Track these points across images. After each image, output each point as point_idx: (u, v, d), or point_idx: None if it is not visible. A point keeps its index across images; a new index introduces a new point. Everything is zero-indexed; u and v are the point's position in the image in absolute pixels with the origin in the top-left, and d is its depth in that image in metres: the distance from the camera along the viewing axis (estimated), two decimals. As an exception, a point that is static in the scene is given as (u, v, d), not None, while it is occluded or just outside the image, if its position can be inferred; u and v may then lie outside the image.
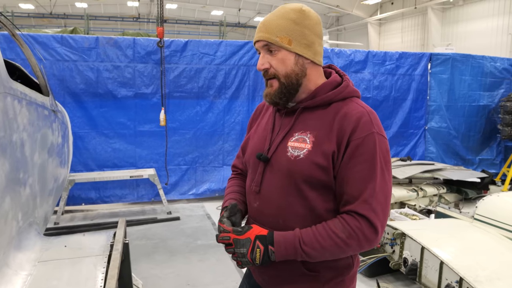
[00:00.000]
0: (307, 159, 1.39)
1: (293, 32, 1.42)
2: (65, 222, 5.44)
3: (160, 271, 4.05)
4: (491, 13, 16.84)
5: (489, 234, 3.68)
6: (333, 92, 1.45)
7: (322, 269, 1.46)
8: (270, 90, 1.47)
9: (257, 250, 1.37)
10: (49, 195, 2.73)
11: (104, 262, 1.88)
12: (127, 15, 28.06)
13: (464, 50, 16.07)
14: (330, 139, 1.38)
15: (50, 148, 2.63)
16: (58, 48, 5.62)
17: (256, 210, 1.55)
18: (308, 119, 1.47)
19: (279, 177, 1.46)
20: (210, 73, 6.32)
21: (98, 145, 5.98)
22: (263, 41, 1.43)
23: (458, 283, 3.02)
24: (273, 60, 1.43)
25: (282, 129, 1.51)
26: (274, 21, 1.43)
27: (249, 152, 1.62)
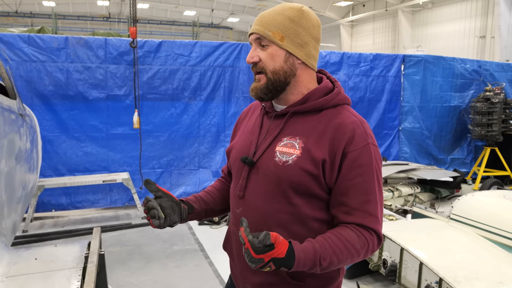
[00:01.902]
0: (296, 165, 1.35)
1: (287, 29, 1.39)
2: (34, 230, 5.21)
3: (136, 279, 3.92)
4: (459, 16, 17.34)
5: (466, 234, 3.75)
6: (324, 99, 1.43)
7: (307, 279, 1.42)
8: (256, 84, 1.43)
9: (267, 268, 1.22)
10: (17, 203, 2.58)
11: (78, 275, 1.77)
12: (97, 14, 27.47)
13: (434, 52, 16.41)
14: (322, 147, 1.35)
15: (18, 154, 2.48)
16: (25, 48, 5.39)
17: (239, 215, 1.48)
18: (298, 124, 1.42)
19: (265, 182, 1.41)
20: (185, 74, 6.21)
21: (69, 149, 5.77)
22: (256, 33, 1.41)
23: (438, 283, 3.04)
24: (263, 54, 1.40)
25: (270, 133, 1.46)
26: (270, 16, 1.41)
27: (234, 156, 1.56)
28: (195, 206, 1.57)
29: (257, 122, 1.53)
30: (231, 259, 1.62)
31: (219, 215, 1.73)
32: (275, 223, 1.40)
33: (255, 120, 1.57)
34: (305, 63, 1.43)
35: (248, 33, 1.49)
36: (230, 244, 1.59)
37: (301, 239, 1.33)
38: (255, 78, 1.45)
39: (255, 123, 1.55)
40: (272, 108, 1.50)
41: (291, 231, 1.38)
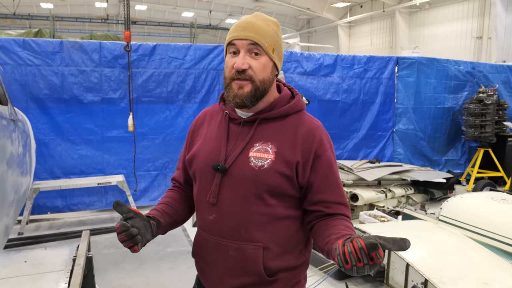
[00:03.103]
0: (271, 168, 1.43)
1: (276, 43, 1.48)
2: (29, 232, 5.26)
3: (129, 280, 3.98)
4: (455, 17, 17.41)
5: (454, 235, 3.78)
6: (289, 105, 1.52)
7: (281, 273, 1.49)
8: (241, 92, 1.44)
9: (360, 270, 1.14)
10: (9, 206, 2.63)
11: (66, 277, 1.83)
12: (95, 16, 27.52)
13: (431, 52, 16.51)
14: (294, 150, 1.45)
15: (10, 159, 2.54)
16: (20, 52, 5.44)
17: (212, 222, 1.51)
18: (267, 130, 1.50)
19: (241, 187, 1.46)
20: (179, 77, 6.26)
21: (64, 151, 5.82)
22: (251, 41, 1.42)
23: (424, 284, 3.10)
24: (255, 63, 1.43)
25: (240, 139, 1.50)
26: (263, 26, 1.45)
27: (201, 164, 1.56)
28: (161, 221, 1.52)
29: (222, 129, 1.55)
30: (203, 265, 1.61)
31: (180, 225, 1.72)
32: (251, 225, 1.46)
33: (218, 127, 1.58)
34: (278, 74, 1.53)
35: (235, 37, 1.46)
36: (203, 251, 1.58)
37: (275, 237, 1.46)
38: (232, 84, 1.45)
39: (219, 130, 1.57)
40: (237, 115, 1.54)
41: (266, 231, 1.46)
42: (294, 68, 7.02)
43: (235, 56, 1.45)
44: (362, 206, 6.02)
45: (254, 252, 1.45)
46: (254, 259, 1.45)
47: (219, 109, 1.62)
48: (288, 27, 29.72)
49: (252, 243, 1.46)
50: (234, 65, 1.43)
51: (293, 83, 6.95)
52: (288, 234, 1.51)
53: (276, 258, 1.48)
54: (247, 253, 1.45)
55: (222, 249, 1.49)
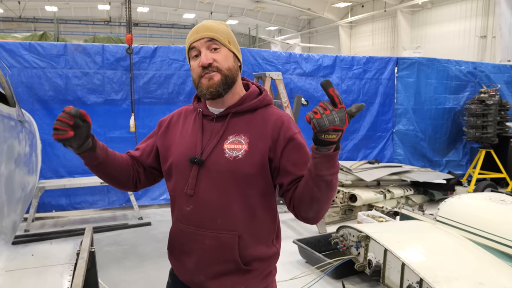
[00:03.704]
0: (246, 158, 1.53)
1: (230, 36, 1.63)
2: (35, 229, 5.38)
3: (129, 277, 4.08)
4: (458, 16, 17.31)
5: (450, 235, 3.80)
6: (258, 100, 1.65)
7: (255, 263, 1.59)
8: (212, 82, 1.54)
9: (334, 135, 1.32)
10: (17, 204, 2.73)
11: (70, 270, 1.92)
12: (98, 18, 27.68)
13: (433, 52, 16.49)
14: (265, 139, 1.56)
15: (17, 158, 2.64)
16: (26, 55, 5.56)
17: (189, 213, 1.59)
18: (239, 123, 1.61)
19: (218, 178, 1.54)
20: (180, 79, 6.36)
21: (68, 151, 5.79)
22: (208, 38, 1.56)
23: (419, 283, 3.16)
24: (217, 56, 1.56)
25: (214, 133, 1.60)
26: (215, 25, 1.61)
27: (177, 157, 1.64)
28: (97, 149, 1.58)
29: (197, 125, 1.66)
30: (180, 256, 1.67)
31: (109, 177, 1.75)
32: (227, 215, 1.55)
33: (193, 124, 1.68)
34: (240, 68, 1.66)
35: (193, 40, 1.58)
36: (180, 241, 1.66)
37: (250, 227, 1.57)
38: (201, 80, 1.55)
39: (194, 126, 1.67)
40: (209, 111, 1.66)
41: (242, 220, 1.56)
42: (293, 69, 7.10)
43: (197, 58, 1.58)
44: (361, 207, 6.09)
45: (230, 240, 1.54)
46: (230, 247, 1.54)
47: (193, 108, 1.74)
48: (289, 27, 29.81)
49: (228, 232, 1.55)
50: (199, 64, 1.55)
51: (292, 84, 7.04)
52: (262, 224, 1.61)
53: (251, 247, 1.57)
54: (223, 241, 1.54)
55: (199, 239, 1.58)
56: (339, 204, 6.15)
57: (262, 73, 5.69)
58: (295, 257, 4.63)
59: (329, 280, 4.12)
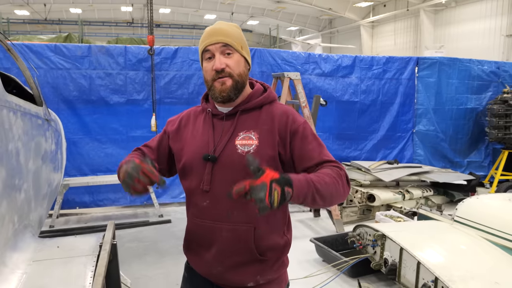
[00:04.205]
0: (257, 152, 1.61)
1: (242, 41, 1.70)
2: (60, 225, 5.57)
3: (150, 272, 4.20)
4: (483, 14, 16.93)
5: (467, 236, 3.78)
6: (263, 97, 1.74)
7: (269, 252, 1.67)
8: (224, 87, 1.63)
9: (274, 193, 1.32)
10: (43, 199, 2.86)
11: (93, 261, 2.02)
12: (120, 20, 28.22)
13: (457, 51, 16.18)
14: (273, 133, 1.65)
15: (44, 155, 2.77)
16: (52, 56, 5.77)
17: (205, 208, 1.68)
18: (247, 120, 1.70)
19: (232, 173, 1.61)
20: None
21: (92, 150, 6.12)
22: (222, 42, 1.63)
23: (434, 282, 3.17)
24: (230, 61, 1.63)
25: (225, 131, 1.68)
26: (229, 29, 1.67)
27: (191, 156, 1.72)
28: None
29: (207, 125, 1.74)
30: (198, 249, 1.75)
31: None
32: (243, 208, 1.60)
33: (203, 123, 1.76)
34: (250, 68, 1.75)
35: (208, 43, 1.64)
36: (197, 236, 1.75)
37: (264, 218, 1.62)
38: (214, 84, 1.63)
39: (205, 126, 1.75)
40: (218, 111, 1.74)
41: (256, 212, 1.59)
42: (312, 70, 7.13)
43: (211, 61, 1.65)
44: (379, 207, 6.08)
45: (246, 232, 1.63)
46: (247, 238, 1.63)
47: (202, 109, 1.82)
48: (310, 27, 29.73)
49: (244, 224, 1.63)
50: (213, 67, 1.63)
51: (311, 84, 7.07)
52: (275, 215, 1.69)
53: (265, 238, 1.66)
54: (239, 233, 1.62)
55: (217, 232, 1.66)
56: (357, 204, 6.15)
57: (280, 74, 5.74)
58: (312, 256, 4.67)
59: (345, 278, 4.15)
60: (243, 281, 1.68)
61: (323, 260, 4.58)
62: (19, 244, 2.11)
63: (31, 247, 2.18)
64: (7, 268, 1.89)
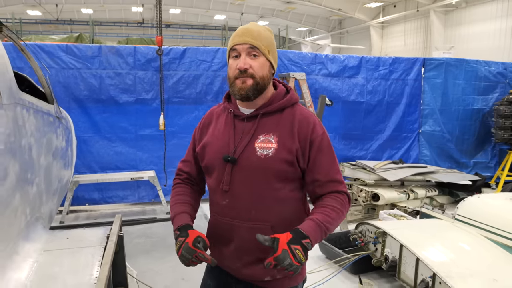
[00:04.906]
0: (276, 156, 1.67)
1: (271, 45, 1.73)
2: (69, 221, 5.71)
3: (157, 266, 4.32)
4: (494, 15, 16.78)
5: (468, 234, 3.84)
6: (285, 100, 1.77)
7: None
8: (244, 85, 1.67)
9: (297, 252, 1.52)
10: (54, 194, 2.99)
11: (100, 251, 2.13)
12: (131, 20, 28.46)
13: (467, 52, 16.06)
14: (293, 138, 1.69)
15: (55, 151, 2.90)
16: (63, 56, 5.92)
17: (224, 207, 1.77)
18: (268, 123, 1.74)
19: (251, 174, 1.70)
20: (208, 79, 6.59)
21: (101, 148, 6.27)
22: (250, 44, 1.67)
23: (432, 278, 3.23)
24: (254, 63, 1.68)
25: (245, 133, 1.74)
26: (259, 32, 1.70)
27: (212, 156, 1.79)
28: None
29: (229, 126, 1.79)
30: (219, 244, 1.83)
31: None
32: (260, 207, 1.71)
33: (225, 123, 1.81)
34: (273, 73, 1.78)
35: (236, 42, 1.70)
36: (218, 232, 1.83)
37: (282, 217, 1.72)
38: (236, 82, 1.68)
39: (226, 126, 1.80)
40: (240, 112, 1.78)
41: (273, 211, 1.71)
42: (318, 70, 7.20)
43: (237, 59, 1.70)
44: (384, 206, 6.14)
45: (264, 230, 1.67)
46: None
47: (223, 108, 1.87)
48: (320, 28, 29.73)
49: (262, 223, 1.71)
50: (237, 66, 1.67)
51: (317, 84, 7.14)
52: (292, 214, 1.77)
53: None
54: (257, 231, 1.64)
55: (236, 229, 1.75)
56: (362, 203, 6.21)
57: (286, 74, 5.83)
58: (316, 253, 4.75)
59: (347, 275, 4.22)
60: (261, 276, 1.75)
61: (326, 257, 4.66)
62: (31, 235, 2.22)
63: (42, 238, 2.30)
64: (20, 256, 2.01)
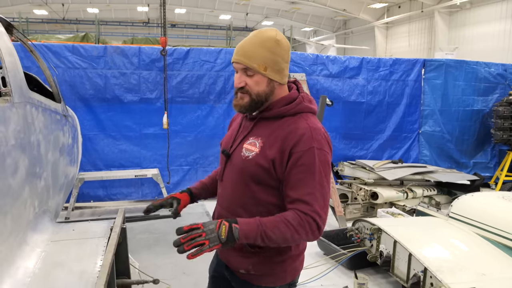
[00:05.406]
0: (253, 160, 1.73)
1: (269, 61, 1.71)
2: (75, 218, 5.85)
3: (159, 261, 4.46)
4: (498, 16, 16.78)
5: (460, 231, 3.95)
6: (285, 108, 1.76)
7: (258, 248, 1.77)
8: (240, 102, 1.75)
9: (222, 227, 1.56)
10: (60, 189, 3.13)
11: (105, 242, 2.27)
12: (137, 20, 28.68)
13: (472, 53, 16.11)
14: (274, 148, 1.70)
15: (61, 148, 3.04)
16: (70, 56, 6.07)
17: (219, 194, 1.96)
18: (263, 128, 1.79)
19: (234, 171, 1.83)
20: (211, 79, 6.72)
21: (106, 146, 6.42)
22: (242, 64, 1.71)
23: (423, 272, 3.34)
24: (249, 81, 1.72)
25: (242, 132, 1.87)
26: (254, 49, 1.70)
27: (221, 149, 1.96)
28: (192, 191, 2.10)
29: (239, 123, 1.95)
30: None
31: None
32: (239, 205, 1.82)
33: (239, 121, 1.97)
34: (281, 82, 1.78)
35: (232, 59, 1.76)
36: (215, 216, 1.99)
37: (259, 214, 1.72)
38: (236, 95, 1.77)
39: (239, 123, 1.96)
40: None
41: (249, 211, 1.78)
42: (320, 71, 7.32)
43: (236, 74, 1.77)
44: (382, 205, 6.24)
45: None
46: None
47: None
48: (324, 28, 29.80)
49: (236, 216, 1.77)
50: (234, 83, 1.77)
51: (318, 85, 7.26)
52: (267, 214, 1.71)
53: None
54: None
55: (222, 216, 1.86)
56: (361, 201, 6.32)
57: (287, 74, 5.93)
58: (314, 249, 4.87)
59: (344, 270, 4.35)
60: (236, 266, 1.87)
61: (324, 254, 4.77)
62: (38, 226, 2.36)
63: (49, 229, 2.44)
64: (28, 246, 2.14)
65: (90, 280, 1.89)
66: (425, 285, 3.29)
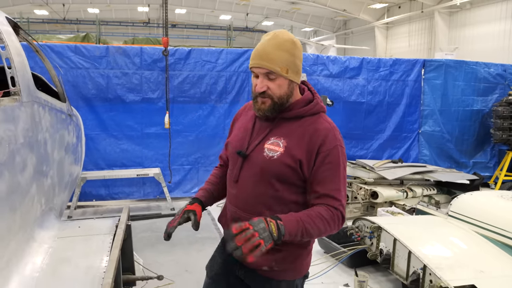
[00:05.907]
0: (279, 160, 1.78)
1: (290, 63, 1.76)
2: (77, 216, 5.89)
3: (161, 259, 4.51)
4: (498, 16, 16.78)
5: (459, 229, 3.99)
6: (304, 108, 1.84)
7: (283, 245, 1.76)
8: (263, 106, 1.79)
9: (271, 225, 1.59)
10: (65, 187, 3.18)
11: (110, 239, 2.32)
12: (137, 20, 28.73)
13: (472, 53, 16.11)
14: (301, 147, 1.77)
15: (67, 146, 3.09)
16: (72, 56, 6.12)
17: (234, 196, 1.94)
18: (283, 128, 1.83)
19: (255, 171, 1.84)
20: (212, 79, 6.77)
21: (108, 146, 6.47)
22: (265, 69, 1.74)
23: (423, 270, 3.39)
24: (271, 85, 1.76)
25: (260, 132, 1.88)
26: (275, 53, 1.73)
27: (232, 149, 1.97)
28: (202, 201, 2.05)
29: (250, 123, 1.95)
30: (225, 228, 2.03)
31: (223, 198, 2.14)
32: (261, 204, 1.84)
33: (249, 120, 1.97)
34: (298, 83, 1.85)
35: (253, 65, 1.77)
36: (226, 216, 2.02)
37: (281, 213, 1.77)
38: (257, 100, 1.79)
39: (249, 123, 1.96)
40: None
41: (272, 209, 1.82)
42: (320, 71, 7.37)
43: (256, 79, 1.79)
44: (382, 204, 6.28)
45: None
46: None
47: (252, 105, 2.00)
48: (324, 28, 29.84)
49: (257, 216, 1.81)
50: (255, 87, 1.79)
51: (319, 85, 7.30)
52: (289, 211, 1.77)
53: None
54: None
55: (238, 218, 1.88)
56: (361, 200, 6.37)
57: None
58: (315, 247, 4.80)
59: (344, 268, 4.39)
60: (259, 264, 1.86)
61: (324, 252, 4.82)
62: (45, 223, 2.41)
63: (56, 226, 2.49)
64: (36, 242, 2.20)
65: (97, 275, 1.94)
66: (425, 282, 3.34)
